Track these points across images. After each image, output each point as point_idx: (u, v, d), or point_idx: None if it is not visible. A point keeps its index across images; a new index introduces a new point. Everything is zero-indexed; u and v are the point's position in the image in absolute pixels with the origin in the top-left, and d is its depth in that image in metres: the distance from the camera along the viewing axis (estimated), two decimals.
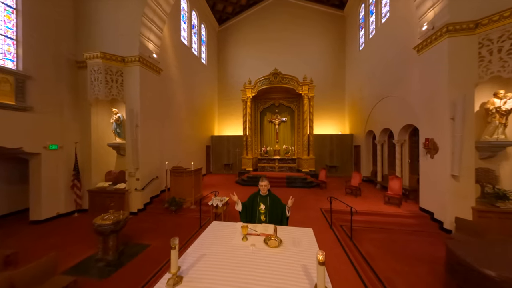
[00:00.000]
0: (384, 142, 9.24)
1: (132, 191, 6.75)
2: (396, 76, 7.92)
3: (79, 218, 6.58)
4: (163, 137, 8.58)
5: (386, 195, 6.85)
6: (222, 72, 15.41)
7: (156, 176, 7.56)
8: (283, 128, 12.99)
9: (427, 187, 5.88)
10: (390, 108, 8.31)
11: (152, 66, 7.34)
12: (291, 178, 9.94)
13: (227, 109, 15.23)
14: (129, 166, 6.75)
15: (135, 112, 6.75)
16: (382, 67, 9.05)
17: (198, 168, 7.54)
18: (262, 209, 2.89)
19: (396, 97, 7.83)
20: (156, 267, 3.89)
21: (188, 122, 10.95)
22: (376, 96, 9.49)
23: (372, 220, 5.77)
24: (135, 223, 6.02)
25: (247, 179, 10.28)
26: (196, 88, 12.06)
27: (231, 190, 9.37)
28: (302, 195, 8.28)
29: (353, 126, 12.59)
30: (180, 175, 6.99)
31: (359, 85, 11.59)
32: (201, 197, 7.75)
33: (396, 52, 7.92)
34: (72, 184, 6.67)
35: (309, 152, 11.63)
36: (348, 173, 12.60)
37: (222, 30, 15.44)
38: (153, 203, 7.33)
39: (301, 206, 6.93)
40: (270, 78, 10.94)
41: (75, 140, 6.83)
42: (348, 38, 13.45)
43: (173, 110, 9.53)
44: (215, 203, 4.93)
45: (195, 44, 12.06)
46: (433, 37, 5.44)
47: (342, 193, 8.31)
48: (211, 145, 14.27)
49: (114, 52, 6.66)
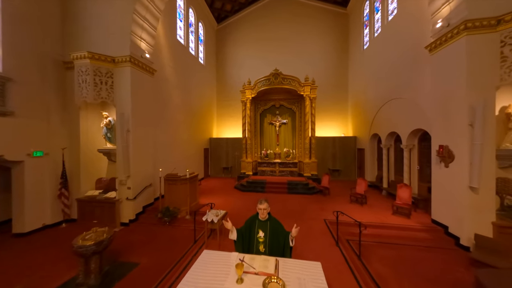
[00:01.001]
0: (390, 146, 8.79)
1: (123, 200, 6.33)
2: (404, 77, 7.46)
3: (67, 229, 6.17)
4: (158, 142, 8.15)
5: (395, 205, 6.41)
6: (221, 72, 14.96)
7: (149, 184, 7.14)
8: (284, 130, 12.54)
9: (440, 198, 5.44)
10: (397, 111, 7.85)
11: (144, 66, 6.89)
12: (293, 183, 9.51)
13: (226, 110, 14.79)
14: (119, 174, 6.32)
15: (126, 116, 6.32)
16: (388, 67, 8.59)
17: (194, 175, 7.12)
18: (261, 237, 2.44)
19: (405, 100, 7.37)
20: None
21: (185, 125, 10.52)
22: (381, 97, 9.03)
23: (380, 233, 5.34)
24: (126, 236, 5.61)
25: (247, 184, 9.86)
26: (194, 89, 11.62)
27: (229, 197, 9.15)
28: (304, 202, 7.85)
29: (357, 128, 12.13)
30: (175, 183, 6.56)
31: (363, 86, 11.12)
32: (197, 205, 7.33)
33: (404, 52, 7.45)
34: (59, 193, 6.24)
35: (311, 156, 11.20)
36: (351, 177, 12.16)
37: (220, 29, 14.97)
38: (146, 213, 6.91)
39: (303, 216, 6.50)
40: (270, 79, 10.49)
41: (63, 146, 6.40)
42: (351, 37, 12.97)
43: (169, 112, 9.09)
44: (210, 218, 4.49)
45: (192, 43, 11.60)
46: (449, 35, 4.98)
47: (347, 201, 7.87)
48: (209, 148, 13.84)
49: (103, 52, 6.22)
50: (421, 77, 6.52)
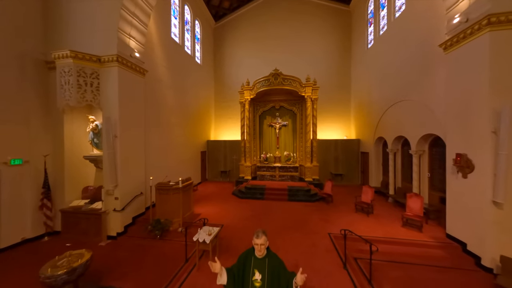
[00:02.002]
0: (397, 151, 8.29)
1: (110, 212, 5.83)
2: (412, 77, 6.96)
3: (49, 243, 5.68)
4: (150, 146, 7.65)
5: (405, 216, 5.92)
6: (219, 72, 14.45)
7: (140, 192, 6.65)
8: (284, 133, 12.05)
9: (457, 211, 4.94)
10: (405, 114, 7.35)
11: (134, 66, 6.39)
12: (293, 189, 9.02)
13: (224, 112, 14.29)
14: (106, 183, 5.82)
15: (113, 120, 5.82)
16: (395, 67, 8.09)
17: (188, 183, 6.62)
18: (258, 281, 1.94)
19: (414, 102, 6.87)
20: None
21: (180, 128, 10.02)
22: (387, 99, 8.53)
23: (391, 250, 4.84)
24: (111, 252, 5.12)
25: (245, 190, 9.36)
26: (190, 90, 11.11)
27: (226, 205, 8.49)
28: (306, 212, 7.35)
29: (360, 131, 11.64)
30: (166, 193, 6.07)
31: (367, 87, 10.62)
32: (192, 215, 6.84)
33: (413, 50, 6.95)
34: (41, 203, 5.75)
35: (312, 159, 10.71)
36: (354, 181, 11.67)
37: (218, 27, 14.46)
38: (137, 224, 6.42)
39: (305, 228, 6.00)
40: (270, 79, 9.99)
41: (45, 153, 5.90)
42: (354, 36, 12.46)
43: (163, 115, 8.59)
44: (201, 238, 3.99)
45: (188, 42, 11.09)
46: (468, 31, 4.48)
47: (351, 210, 7.38)
48: (206, 151, 13.34)
49: (89, 50, 5.71)
50: (433, 78, 6.02)
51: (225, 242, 5.24)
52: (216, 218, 6.76)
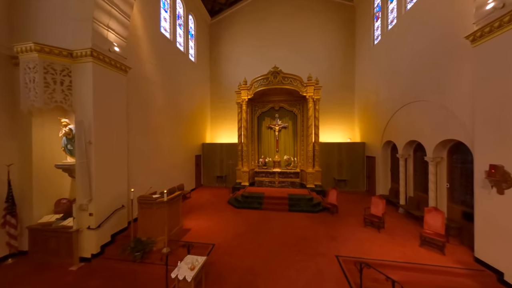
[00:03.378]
0: (408, 157, 7.54)
1: (83, 230, 5.06)
2: (429, 75, 6.21)
3: (13, 266, 4.91)
4: (135, 152, 6.88)
5: (423, 234, 5.16)
6: (215, 70, 13.68)
7: (121, 206, 5.87)
8: (284, 136, 11.30)
9: (489, 233, 4.19)
10: (419, 117, 6.59)
11: (114, 62, 5.61)
12: (294, 198, 8.25)
13: (221, 113, 13.52)
14: (79, 197, 5.05)
15: (87, 123, 5.04)
16: (406, 64, 7.34)
17: (175, 195, 5.85)
18: None
19: (430, 103, 6.12)
20: None
21: (171, 130, 9.24)
22: (397, 100, 7.78)
23: (411, 279, 4.08)
24: (81, 280, 4.35)
25: (242, 199, 8.59)
26: (183, 90, 10.34)
27: (220, 218, 7.17)
28: (308, 225, 6.58)
29: (365, 133, 10.88)
30: (150, 207, 5.30)
31: (374, 86, 9.87)
32: (180, 231, 6.08)
33: (429, 45, 6.20)
34: (3, 220, 4.97)
35: (314, 164, 9.97)
36: (359, 188, 10.92)
37: (214, 23, 13.69)
38: (116, 242, 5.63)
39: (309, 248, 5.22)
40: (269, 78, 9.23)
41: (9, 162, 5.12)
42: (358, 32, 11.71)
43: (151, 117, 7.81)
44: (181, 275, 3.19)
45: (180, 37, 10.32)
46: (506, 18, 3.73)
47: (359, 223, 6.62)
48: (202, 155, 12.56)
49: (60, 44, 4.94)
50: (455, 75, 5.27)
51: (214, 269, 4.46)
52: (207, 234, 6.00)
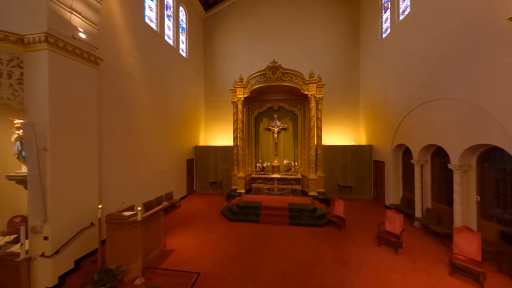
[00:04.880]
0: (425, 163, 6.64)
1: (36, 257, 4.09)
2: (454, 67, 5.31)
3: None
4: (110, 159, 5.92)
5: (453, 260, 4.25)
6: (210, 67, 12.75)
7: (90, 224, 4.90)
8: (284, 138, 10.38)
9: None
10: (441, 117, 5.70)
11: (79, 52, 4.66)
12: (295, 208, 7.32)
13: (215, 113, 12.58)
14: (31, 217, 4.08)
15: (43, 125, 4.08)
16: (423, 57, 6.45)
17: (154, 210, 4.88)
18: None
19: (456, 101, 5.21)
20: None
21: (159, 132, 8.28)
22: (412, 98, 6.89)
23: None
24: None
25: (237, 210, 7.64)
26: (173, 87, 9.39)
27: (210, 234, 6.04)
28: (312, 244, 5.62)
29: (372, 135, 9.99)
30: (120, 228, 4.33)
31: (382, 84, 8.98)
32: (161, 252, 5.11)
33: (451, 32, 5.32)
34: None
35: (317, 169, 9.07)
36: (365, 195, 10.02)
37: (209, 17, 12.76)
38: (82, 269, 4.67)
39: (314, 279, 4.27)
40: (267, 74, 8.32)
41: None
42: (363, 25, 10.83)
43: (132, 117, 6.85)
44: None
45: (169, 30, 9.38)
46: None
47: (372, 241, 5.70)
48: (194, 158, 11.60)
49: (6, 27, 3.99)
50: (489, 67, 4.38)
51: None
52: (193, 258, 5.04)
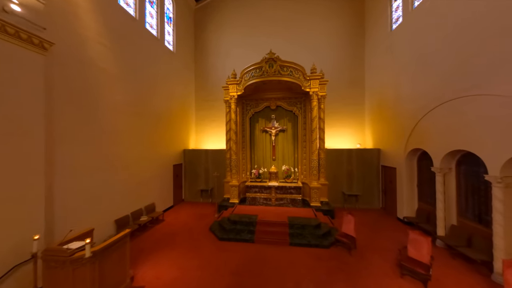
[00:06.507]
0: (449, 171, 5.65)
1: None
2: (485, 58, 4.33)
3: None
4: (70, 169, 4.77)
5: None
6: (201, 63, 11.65)
7: (31, 257, 3.74)
8: (282, 141, 9.33)
9: None
10: (473, 118, 4.71)
11: (13, 31, 3.52)
12: (297, 224, 6.25)
13: (208, 112, 11.47)
14: None
15: None
16: (441, 47, 5.48)
17: (114, 239, 3.73)
18: None
19: (496, 97, 4.23)
20: None
21: (138, 134, 7.13)
22: (430, 95, 5.92)
23: None
24: None
25: (228, 226, 6.53)
26: (157, 83, 8.26)
27: (193, 259, 4.58)
28: (319, 276, 4.51)
29: (380, 138, 9.00)
30: (62, 267, 3.18)
31: (392, 80, 8.01)
32: None
33: (485, 14, 4.34)
34: None
35: (319, 176, 8.05)
36: (373, 204, 9.01)
37: (200, 9, 11.67)
38: None
39: None
40: (263, 67, 7.25)
41: None
42: (369, 17, 9.88)
43: (100, 117, 5.71)
44: None
45: (152, 19, 8.25)
46: None
47: (391, 268, 4.65)
48: (183, 163, 10.45)
49: None
50: None
51: None
52: None
